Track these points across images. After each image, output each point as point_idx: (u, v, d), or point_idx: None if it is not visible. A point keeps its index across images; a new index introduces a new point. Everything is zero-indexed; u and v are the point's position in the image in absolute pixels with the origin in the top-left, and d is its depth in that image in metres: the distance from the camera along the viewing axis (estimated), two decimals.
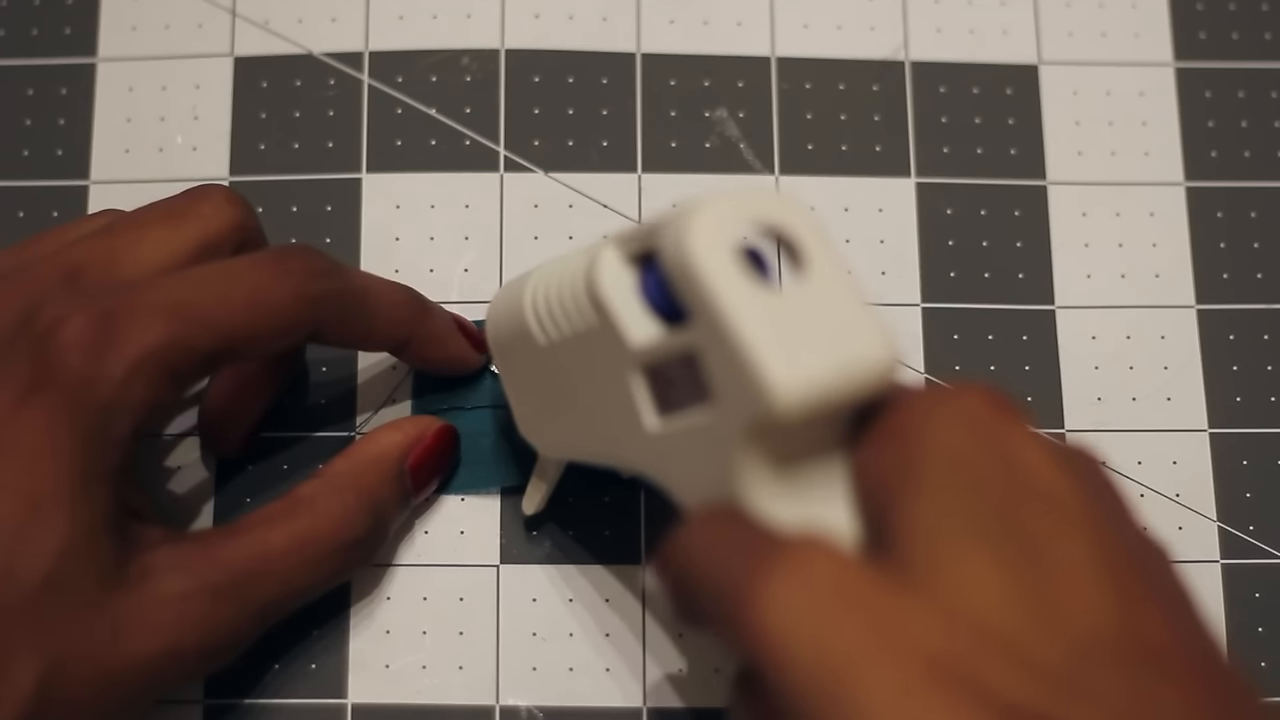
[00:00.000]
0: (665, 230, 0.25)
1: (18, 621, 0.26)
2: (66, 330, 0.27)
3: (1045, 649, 0.21)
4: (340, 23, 0.38)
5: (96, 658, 0.27)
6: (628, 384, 0.27)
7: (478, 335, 0.35)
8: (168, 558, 0.28)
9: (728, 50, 0.38)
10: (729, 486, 0.25)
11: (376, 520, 0.32)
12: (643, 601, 0.34)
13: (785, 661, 0.21)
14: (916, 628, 0.21)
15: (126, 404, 0.27)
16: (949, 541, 0.22)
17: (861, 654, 0.21)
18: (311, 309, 0.29)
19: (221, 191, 0.31)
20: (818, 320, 0.24)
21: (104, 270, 0.29)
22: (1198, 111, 0.38)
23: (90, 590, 0.27)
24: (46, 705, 0.26)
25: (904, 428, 0.24)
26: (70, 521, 0.26)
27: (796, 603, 0.22)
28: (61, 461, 0.26)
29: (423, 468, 0.33)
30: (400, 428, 0.33)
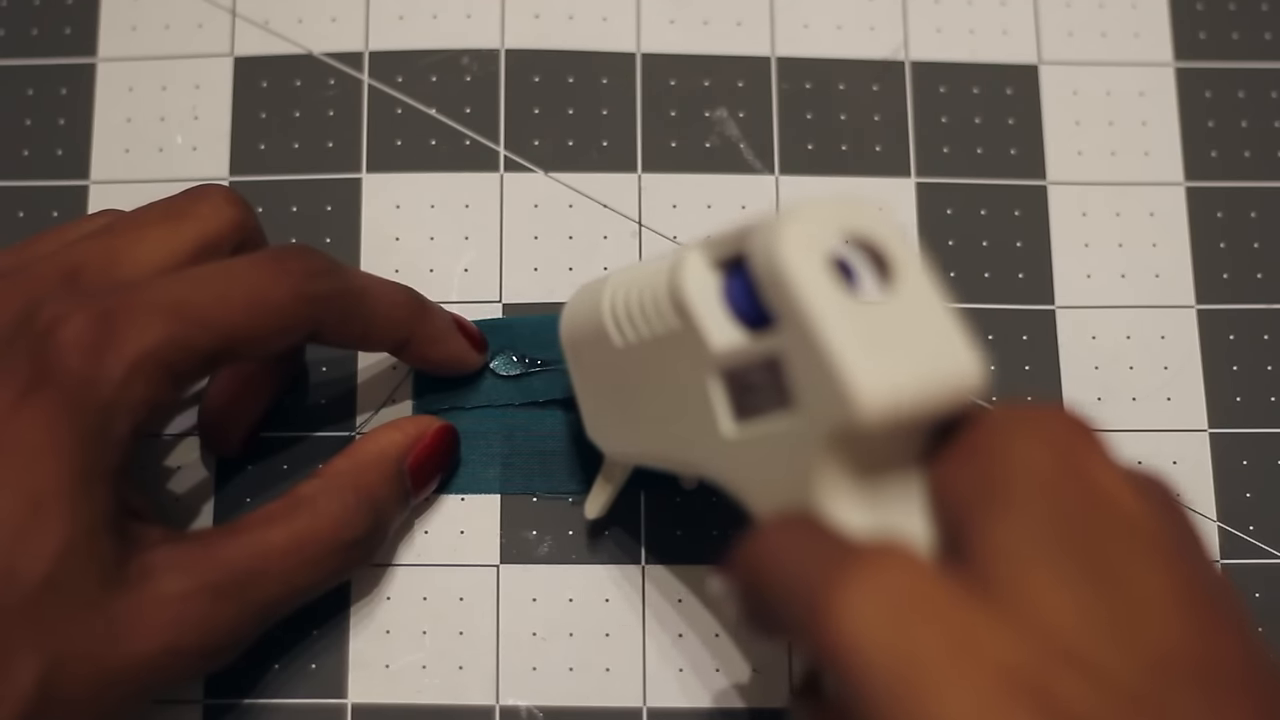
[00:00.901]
0: (756, 234, 0.25)
1: (18, 621, 0.26)
2: (66, 330, 0.27)
3: (1120, 666, 0.21)
4: (340, 23, 0.38)
5: (96, 657, 0.27)
6: (705, 389, 0.27)
7: (477, 335, 0.35)
8: (167, 557, 0.28)
9: (728, 50, 0.38)
10: (805, 494, 0.25)
11: (376, 520, 0.32)
12: (643, 601, 0.34)
13: (860, 667, 0.21)
14: (993, 639, 0.21)
15: (126, 404, 0.27)
16: (1028, 559, 0.22)
17: (937, 663, 0.21)
18: (310, 309, 0.29)
19: (221, 191, 0.31)
20: (905, 331, 0.24)
21: (103, 270, 0.29)
22: (1198, 111, 0.38)
23: (90, 590, 0.27)
24: (47, 704, 0.26)
25: (985, 446, 0.24)
26: (70, 521, 0.26)
27: (873, 609, 0.22)
28: (61, 461, 0.26)
29: (422, 467, 0.33)
30: (400, 427, 0.33)
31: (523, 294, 0.36)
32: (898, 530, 0.24)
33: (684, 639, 0.34)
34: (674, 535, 0.35)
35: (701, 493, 0.35)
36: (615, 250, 0.37)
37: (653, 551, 0.35)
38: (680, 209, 0.37)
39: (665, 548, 0.35)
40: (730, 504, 0.35)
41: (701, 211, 0.37)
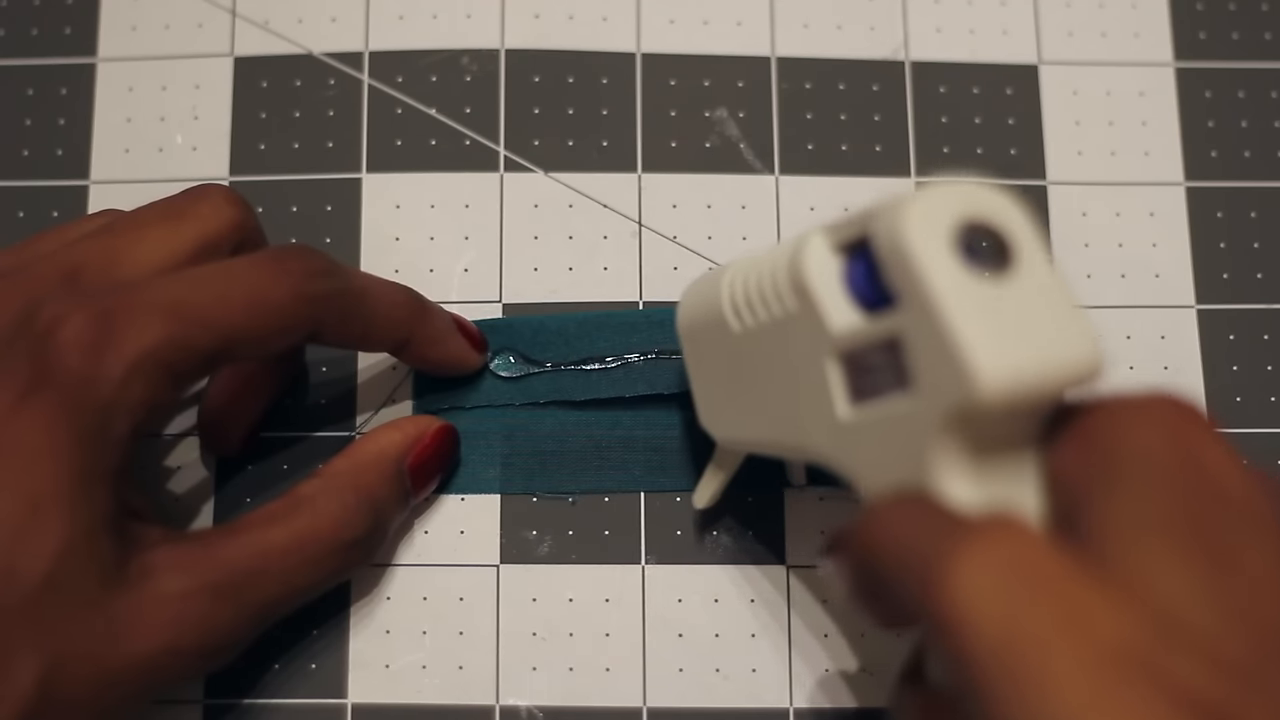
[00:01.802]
0: (881, 215, 0.25)
1: (18, 621, 0.26)
2: (65, 330, 0.27)
3: (1232, 644, 0.22)
4: (340, 23, 0.38)
5: (96, 657, 0.27)
6: (822, 370, 0.27)
7: (478, 335, 0.35)
8: (167, 557, 0.28)
9: (728, 50, 0.38)
10: (920, 475, 0.25)
11: (376, 520, 0.32)
12: (643, 601, 0.34)
13: (970, 637, 0.22)
14: (1106, 615, 0.22)
15: (125, 404, 0.27)
16: (1142, 538, 0.23)
17: (1049, 635, 0.21)
18: (310, 308, 0.29)
19: (221, 191, 0.31)
20: (1027, 314, 0.24)
21: (103, 270, 0.29)
22: (1198, 111, 0.38)
23: (90, 589, 0.27)
24: (47, 704, 0.26)
25: (1101, 430, 0.24)
26: (70, 521, 0.26)
27: (987, 580, 0.22)
28: (60, 461, 0.26)
29: (422, 467, 0.33)
30: (400, 427, 0.33)
31: (523, 294, 0.36)
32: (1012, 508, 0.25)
33: (684, 639, 0.34)
34: (674, 535, 0.35)
35: None
36: (615, 250, 0.37)
37: (653, 551, 0.35)
38: (680, 209, 0.37)
39: (665, 548, 0.35)
40: (730, 504, 0.35)
41: (701, 211, 0.37)
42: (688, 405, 0.35)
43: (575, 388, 0.35)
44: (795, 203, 0.37)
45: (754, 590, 0.34)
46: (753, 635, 0.34)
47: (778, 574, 0.34)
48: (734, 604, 0.34)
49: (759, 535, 0.35)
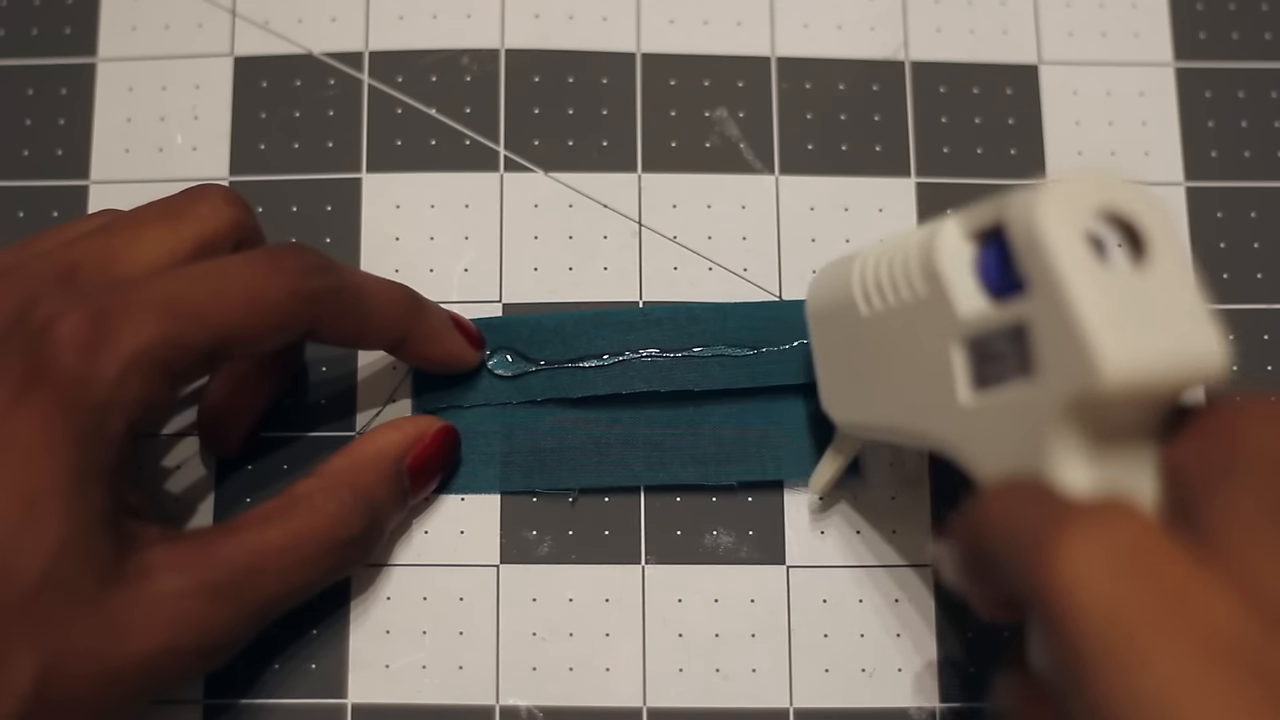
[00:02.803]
0: (1016, 203, 0.25)
1: (15, 619, 0.26)
2: (61, 327, 0.27)
3: None
4: (340, 23, 0.38)
5: (95, 655, 0.27)
6: (947, 356, 0.27)
7: (475, 333, 0.35)
8: (165, 556, 0.28)
9: (728, 50, 0.38)
10: (1037, 461, 0.25)
11: (373, 519, 0.32)
12: (643, 601, 0.34)
13: (1076, 615, 0.22)
14: (1212, 602, 0.22)
15: (121, 401, 0.27)
16: (1255, 533, 0.23)
17: (1155, 617, 0.21)
18: (306, 306, 0.29)
19: (219, 191, 0.31)
20: (1155, 307, 0.24)
21: (100, 268, 0.29)
22: (1198, 111, 0.38)
23: (88, 587, 0.27)
24: (44, 702, 0.26)
25: (1223, 428, 0.25)
26: (66, 519, 0.26)
27: (1096, 558, 0.22)
28: (56, 459, 0.26)
29: (421, 468, 0.33)
30: (399, 427, 0.33)
31: (523, 294, 0.36)
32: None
33: (684, 639, 0.34)
34: (674, 535, 0.35)
35: (702, 493, 0.35)
36: (615, 250, 0.37)
37: (653, 551, 0.35)
38: (680, 209, 0.37)
39: (665, 548, 0.35)
40: (729, 505, 0.35)
41: (701, 211, 0.37)
42: (686, 403, 0.35)
43: (573, 385, 0.35)
44: (795, 203, 0.37)
45: (755, 590, 0.34)
46: (753, 635, 0.34)
47: (778, 574, 0.34)
48: (734, 604, 0.34)
49: (759, 535, 0.35)
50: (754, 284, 0.36)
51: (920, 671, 0.34)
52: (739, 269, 0.36)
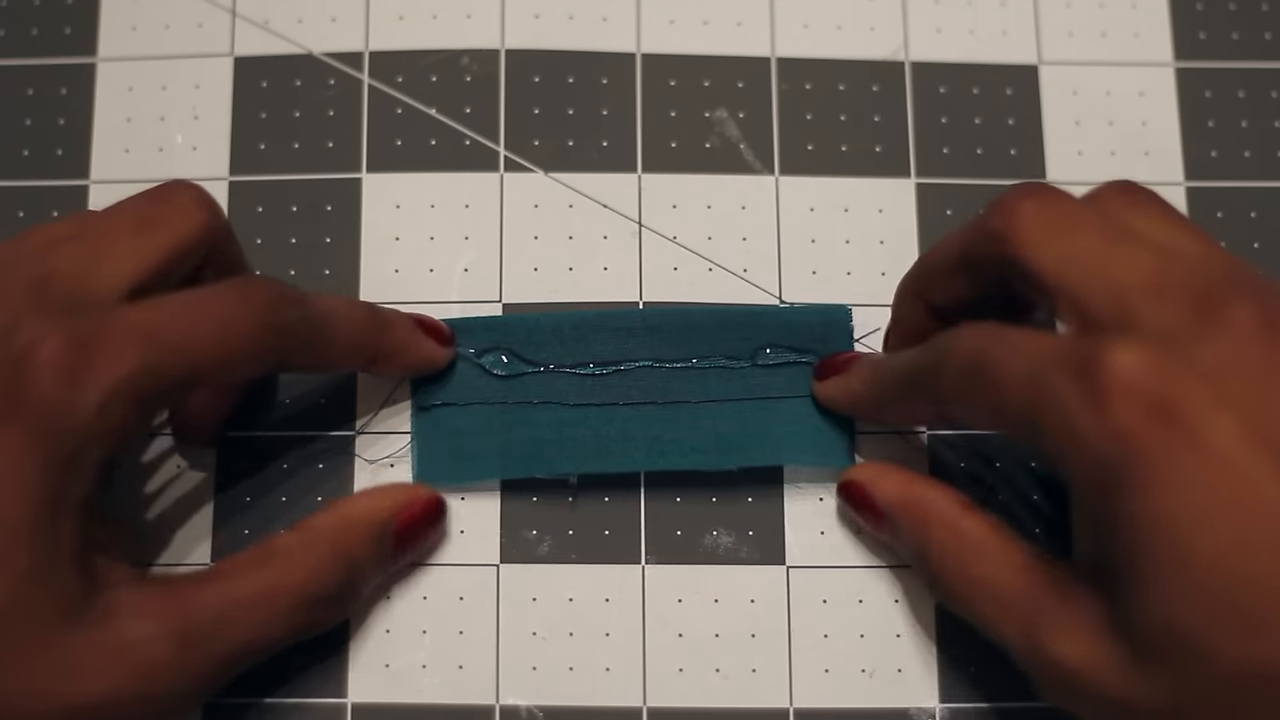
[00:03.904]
0: None
1: None
2: (41, 354, 0.26)
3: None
4: (340, 23, 0.38)
5: (50, 694, 0.26)
6: None
7: (443, 330, 0.35)
8: (132, 599, 0.28)
9: (728, 50, 0.38)
10: None
11: (349, 578, 0.31)
12: (643, 601, 0.34)
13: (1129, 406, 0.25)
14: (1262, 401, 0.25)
15: (101, 431, 0.27)
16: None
17: (1210, 404, 0.25)
18: (276, 339, 0.29)
19: (190, 193, 0.31)
20: None
21: (74, 279, 0.28)
22: (1198, 111, 0.38)
23: (49, 623, 0.26)
24: None
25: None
26: (32, 551, 0.26)
27: (1146, 357, 0.25)
28: (28, 490, 0.26)
29: (407, 533, 0.33)
30: (390, 494, 0.33)
31: (523, 294, 0.36)
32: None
33: (684, 639, 0.34)
34: (674, 535, 0.35)
35: (702, 493, 0.35)
36: (615, 250, 0.37)
37: (653, 551, 0.35)
38: (680, 209, 0.37)
39: (665, 548, 0.35)
40: (729, 505, 0.35)
41: (701, 211, 0.37)
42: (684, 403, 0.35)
43: (569, 391, 0.35)
44: (795, 203, 0.37)
45: (754, 590, 0.34)
46: (753, 635, 0.34)
47: (778, 574, 0.34)
48: (734, 604, 0.34)
49: (759, 535, 0.35)
50: (754, 284, 0.36)
51: (920, 671, 0.34)
52: (739, 269, 0.36)
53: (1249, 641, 0.24)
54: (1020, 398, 0.26)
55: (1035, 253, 0.28)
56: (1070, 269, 0.27)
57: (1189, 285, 0.26)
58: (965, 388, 0.28)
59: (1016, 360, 0.27)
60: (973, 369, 0.28)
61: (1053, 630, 0.27)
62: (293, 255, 0.36)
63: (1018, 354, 0.27)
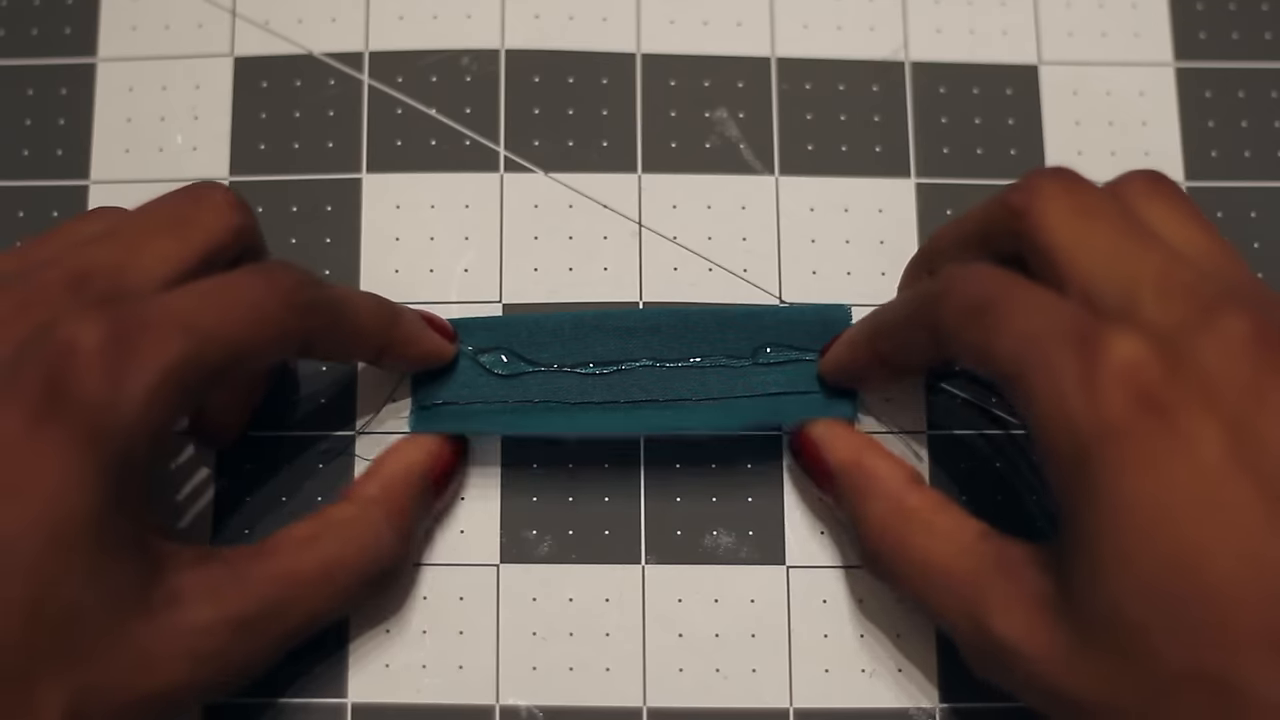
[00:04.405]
0: None
1: (44, 657, 0.25)
2: (82, 349, 0.26)
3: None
4: (340, 23, 0.38)
5: (121, 690, 0.26)
6: None
7: (447, 327, 0.35)
8: (194, 583, 0.28)
9: (728, 50, 0.38)
10: None
11: (405, 545, 0.32)
12: (643, 601, 0.34)
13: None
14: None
15: (148, 427, 0.26)
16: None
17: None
18: (302, 319, 0.29)
19: (223, 195, 0.31)
20: None
21: (111, 278, 0.28)
22: (1198, 111, 0.38)
23: (114, 621, 0.26)
24: None
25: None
26: (93, 553, 0.26)
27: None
28: (84, 491, 0.26)
29: (445, 479, 0.34)
30: (422, 445, 0.33)
31: (523, 294, 0.36)
32: None
33: (684, 639, 0.34)
34: (674, 535, 0.35)
35: (702, 493, 0.35)
36: (615, 250, 0.37)
37: (653, 551, 0.35)
38: (680, 209, 0.37)
39: (665, 548, 0.35)
40: (729, 505, 0.35)
41: (701, 211, 0.37)
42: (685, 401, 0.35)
43: (569, 391, 0.35)
44: (795, 203, 0.37)
45: (754, 590, 0.34)
46: (753, 635, 0.34)
47: (778, 574, 0.34)
48: (734, 604, 0.34)
49: (759, 535, 0.35)
50: (754, 285, 0.36)
51: (920, 671, 0.34)
52: (739, 270, 0.36)
53: (1195, 647, 0.24)
54: (1016, 350, 0.27)
55: (1052, 232, 0.28)
56: (1083, 252, 0.28)
57: (1194, 289, 0.26)
58: (966, 324, 0.28)
59: (1022, 314, 0.27)
60: (977, 308, 0.28)
61: (994, 609, 0.27)
62: (293, 255, 0.36)
63: (1024, 308, 0.27)
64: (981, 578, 0.28)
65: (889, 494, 0.31)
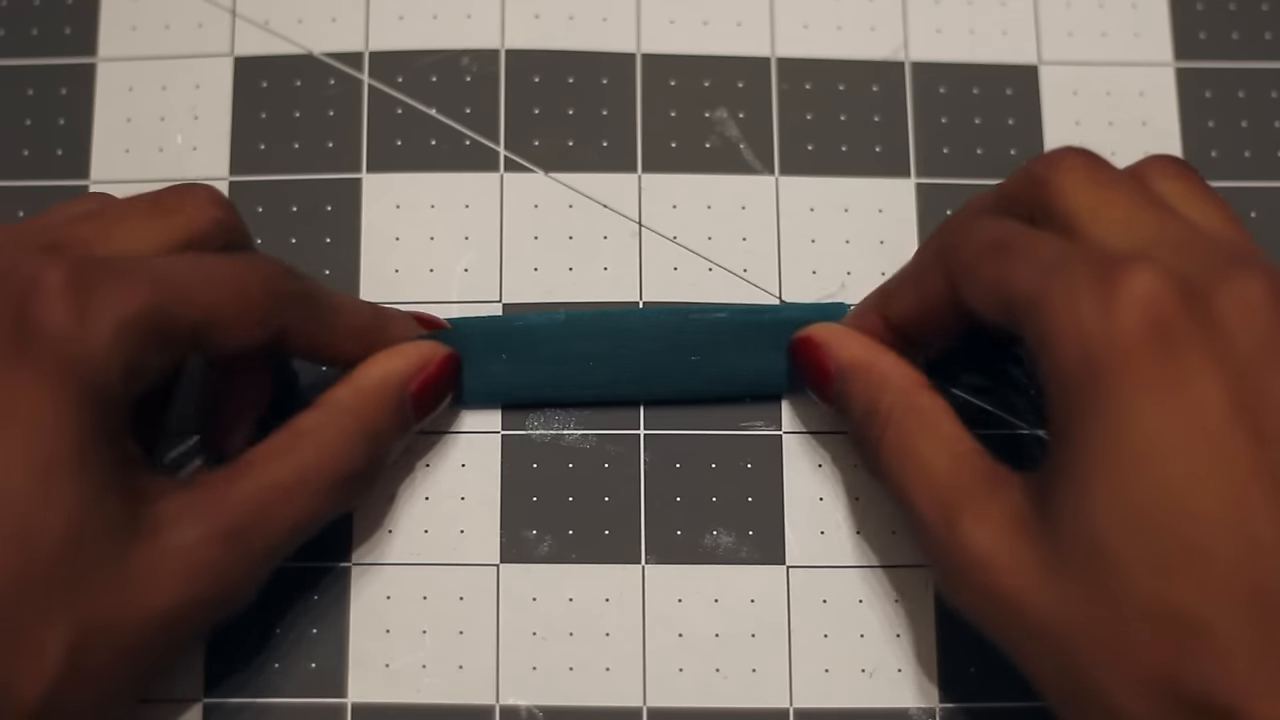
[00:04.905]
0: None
1: (43, 590, 0.26)
2: (46, 286, 0.26)
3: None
4: (340, 23, 0.38)
5: (121, 617, 0.27)
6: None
7: (443, 324, 0.35)
8: (177, 507, 0.28)
9: (728, 50, 0.38)
10: None
11: (377, 451, 0.32)
12: (643, 601, 0.34)
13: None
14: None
15: (120, 359, 0.27)
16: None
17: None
18: (280, 304, 0.30)
19: (207, 191, 0.31)
20: None
21: (85, 246, 0.29)
22: (1198, 111, 0.38)
23: (109, 549, 0.26)
24: (77, 673, 0.26)
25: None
26: (80, 483, 0.26)
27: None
28: (63, 423, 0.26)
29: (425, 395, 0.33)
30: (404, 354, 0.33)
31: (523, 294, 0.36)
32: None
33: (684, 639, 0.34)
34: (674, 535, 0.35)
35: (702, 493, 0.35)
36: (615, 250, 0.37)
37: (653, 551, 0.35)
38: (680, 209, 0.37)
39: (665, 548, 0.35)
40: (729, 505, 0.35)
41: (701, 211, 0.37)
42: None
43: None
44: (795, 203, 0.37)
45: (754, 590, 0.34)
46: (753, 635, 0.34)
47: (778, 574, 0.34)
48: (734, 604, 0.34)
49: (759, 535, 0.35)
50: (754, 285, 0.36)
51: (920, 671, 0.34)
52: (739, 269, 0.36)
53: (1167, 582, 0.24)
54: (1035, 276, 0.27)
55: (1070, 198, 0.29)
56: (1101, 217, 0.28)
57: (1212, 252, 0.27)
58: (984, 259, 0.29)
59: (1042, 247, 0.28)
60: (997, 245, 0.29)
61: (971, 514, 0.28)
62: (293, 255, 0.36)
63: (1044, 244, 0.28)
64: (966, 483, 0.28)
65: (902, 390, 0.31)
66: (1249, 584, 0.24)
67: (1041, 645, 0.26)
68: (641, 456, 0.35)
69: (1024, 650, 0.27)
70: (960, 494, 0.28)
